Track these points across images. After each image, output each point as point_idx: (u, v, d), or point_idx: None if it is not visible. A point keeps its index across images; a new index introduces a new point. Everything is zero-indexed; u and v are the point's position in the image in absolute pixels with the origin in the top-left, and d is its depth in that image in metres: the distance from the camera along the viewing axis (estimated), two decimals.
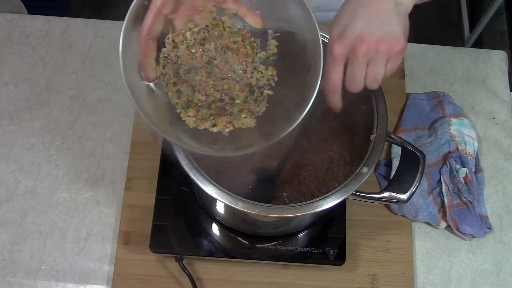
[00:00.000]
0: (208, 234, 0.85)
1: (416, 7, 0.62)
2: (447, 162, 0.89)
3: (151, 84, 0.62)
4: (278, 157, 0.80)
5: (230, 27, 0.64)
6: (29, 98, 0.95)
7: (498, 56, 1.04)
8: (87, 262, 0.86)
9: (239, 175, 0.79)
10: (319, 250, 0.83)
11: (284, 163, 0.80)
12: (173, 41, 0.62)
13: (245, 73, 0.63)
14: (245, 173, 0.79)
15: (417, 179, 0.68)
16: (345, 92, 0.61)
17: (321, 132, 0.82)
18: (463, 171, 0.88)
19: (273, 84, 0.65)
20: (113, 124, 0.94)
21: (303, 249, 0.83)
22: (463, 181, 0.88)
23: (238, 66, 0.63)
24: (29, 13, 1.12)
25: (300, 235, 0.85)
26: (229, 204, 0.64)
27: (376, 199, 0.68)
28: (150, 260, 0.85)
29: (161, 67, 0.62)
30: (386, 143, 0.70)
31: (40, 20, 1.01)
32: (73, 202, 0.89)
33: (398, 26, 0.57)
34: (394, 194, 0.68)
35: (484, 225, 0.88)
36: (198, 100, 0.62)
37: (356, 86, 0.59)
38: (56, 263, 0.85)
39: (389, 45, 0.56)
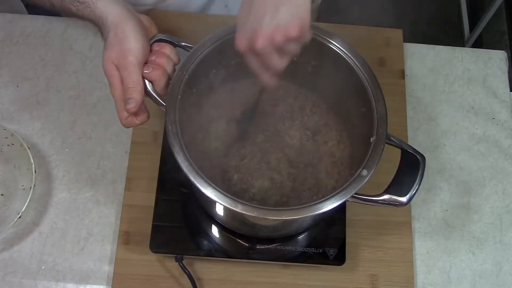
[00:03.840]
0: (208, 234, 0.85)
1: (416, 8, 0.62)
2: None
3: None
4: (282, 160, 0.80)
5: None
6: (29, 98, 0.95)
7: (498, 56, 1.04)
8: (87, 262, 0.86)
9: (240, 176, 0.79)
10: (319, 250, 0.83)
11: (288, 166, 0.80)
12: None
13: None
14: (246, 175, 0.79)
15: (417, 181, 0.68)
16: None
17: (319, 135, 0.83)
18: None
19: None
20: (113, 124, 0.94)
21: (303, 249, 0.83)
22: None
23: None
24: (29, 13, 1.11)
25: (300, 236, 0.85)
26: (228, 206, 0.64)
27: (376, 201, 0.68)
28: (150, 260, 0.85)
29: None
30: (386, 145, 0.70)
31: (40, 20, 1.01)
32: (73, 202, 0.89)
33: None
34: (394, 197, 0.67)
35: None
36: None
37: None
38: (56, 263, 0.85)
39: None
